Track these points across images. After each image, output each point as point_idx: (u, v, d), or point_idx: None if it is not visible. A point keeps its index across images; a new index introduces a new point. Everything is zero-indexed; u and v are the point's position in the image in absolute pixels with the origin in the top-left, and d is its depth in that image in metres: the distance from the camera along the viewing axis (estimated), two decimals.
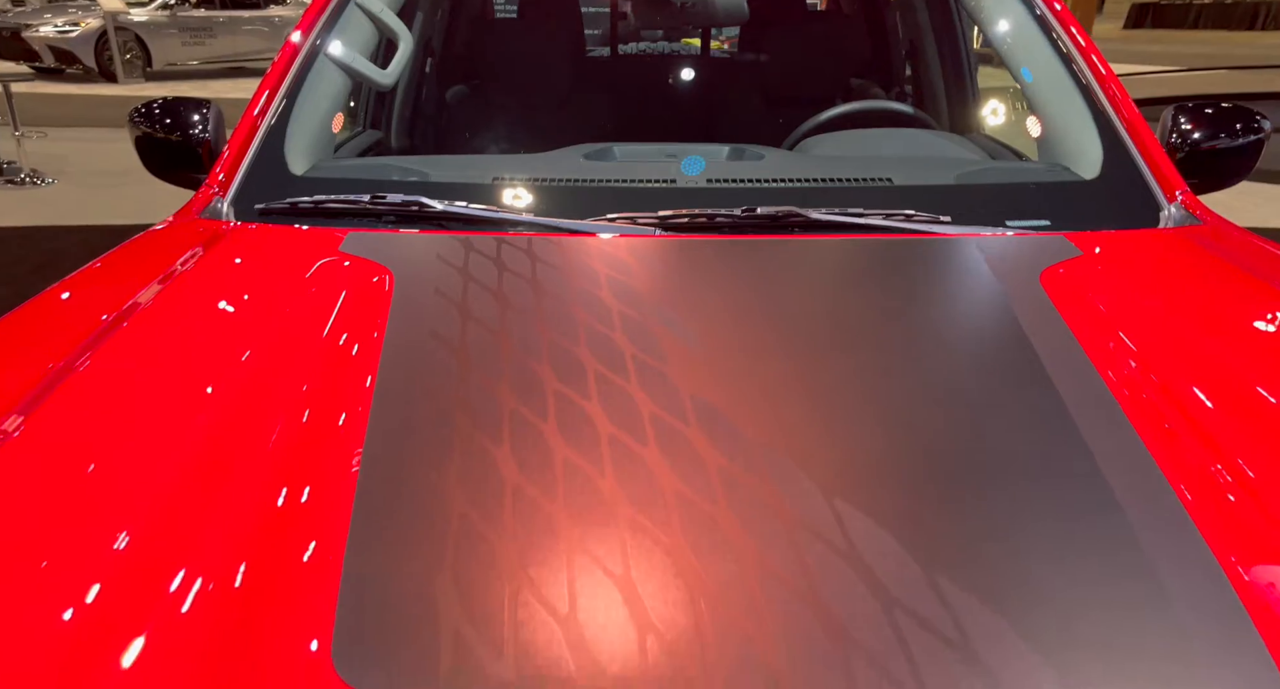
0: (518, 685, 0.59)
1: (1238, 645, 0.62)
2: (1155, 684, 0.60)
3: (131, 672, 0.60)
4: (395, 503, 0.75)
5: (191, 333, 1.08)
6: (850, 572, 0.68)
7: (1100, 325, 1.07)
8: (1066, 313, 1.09)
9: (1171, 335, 1.08)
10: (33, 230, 5.86)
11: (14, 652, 0.61)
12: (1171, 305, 1.19)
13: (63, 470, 0.80)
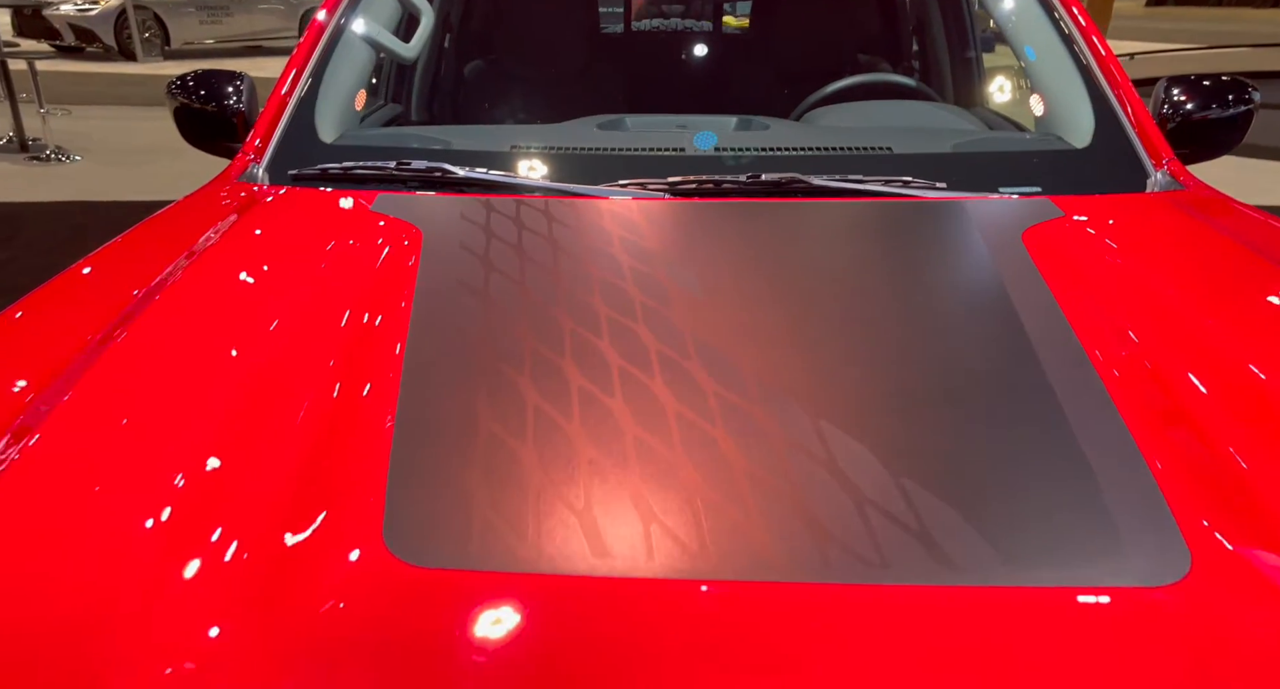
0: (539, 560, 0.70)
1: (1157, 529, 0.72)
2: (1083, 560, 0.70)
3: (214, 555, 0.71)
4: (431, 417, 0.86)
5: (244, 280, 1.19)
6: (827, 475, 0.78)
7: (1073, 276, 1.16)
8: (1043, 266, 1.18)
9: (1139, 285, 1.17)
10: (61, 206, 6.00)
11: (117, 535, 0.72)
12: (1143, 259, 1.28)
13: (145, 392, 0.91)
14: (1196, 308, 1.10)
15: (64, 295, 1.18)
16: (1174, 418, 0.88)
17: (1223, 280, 1.22)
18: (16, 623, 0.65)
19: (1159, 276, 1.22)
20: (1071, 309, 1.07)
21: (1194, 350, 0.98)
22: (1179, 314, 1.07)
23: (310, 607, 0.66)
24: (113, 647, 0.64)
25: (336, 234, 1.33)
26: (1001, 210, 1.42)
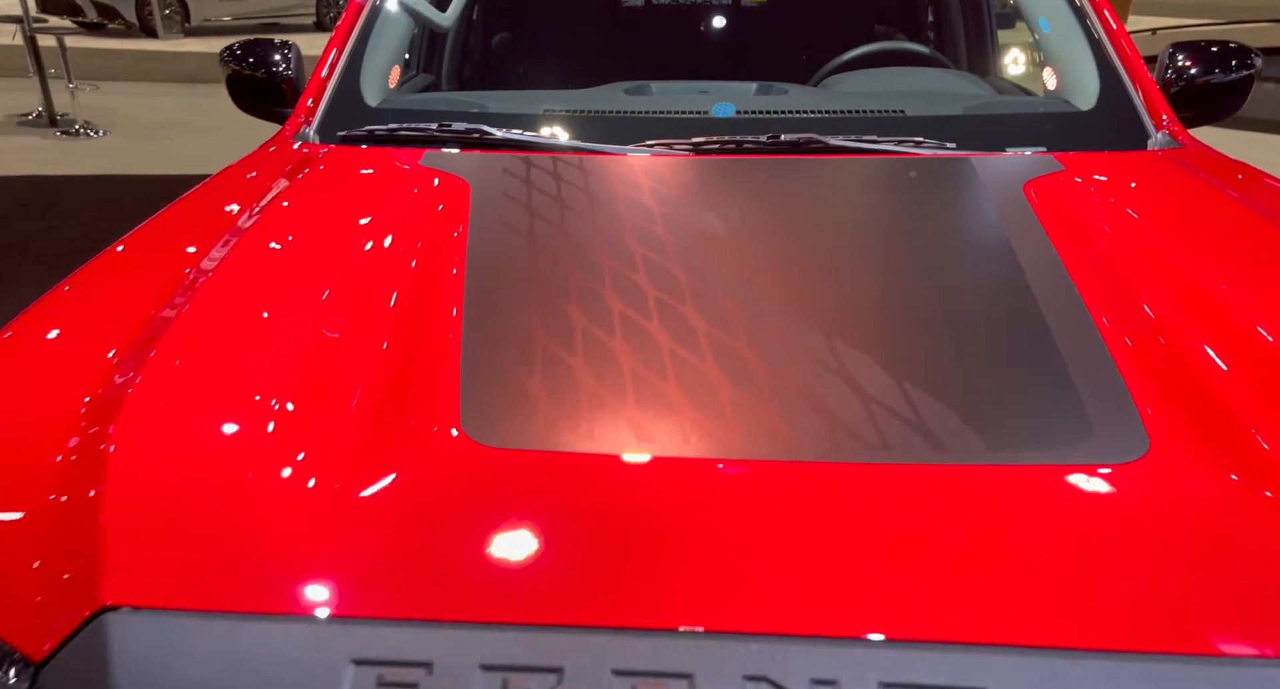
0: (590, 442, 0.83)
1: (1122, 418, 0.84)
2: (1056, 443, 0.83)
3: (317, 442, 0.84)
4: (491, 334, 0.99)
5: (315, 223, 1.32)
6: (836, 377, 0.91)
7: (1066, 218, 1.28)
8: (1040, 211, 1.29)
9: (1126, 224, 1.27)
10: (93, 179, 6.16)
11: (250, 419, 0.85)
12: (1133, 203, 1.39)
13: (248, 314, 1.04)
14: (1177, 244, 1.21)
15: (152, 241, 1.32)
16: (1143, 329, 0.99)
17: (1205, 222, 1.33)
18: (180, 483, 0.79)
19: (1146, 218, 1.33)
20: (1062, 245, 1.18)
21: (1168, 276, 1.10)
22: (1160, 249, 1.18)
23: (409, 475, 0.79)
24: (254, 500, 0.77)
25: (393, 184, 1.46)
26: (1006, 164, 1.53)
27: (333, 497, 0.78)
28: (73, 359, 1.00)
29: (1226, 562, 0.73)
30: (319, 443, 0.83)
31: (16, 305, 4.09)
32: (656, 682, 0.66)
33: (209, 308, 1.05)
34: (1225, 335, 0.97)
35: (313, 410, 0.88)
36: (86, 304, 1.14)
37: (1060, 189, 1.41)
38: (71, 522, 0.77)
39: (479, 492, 0.79)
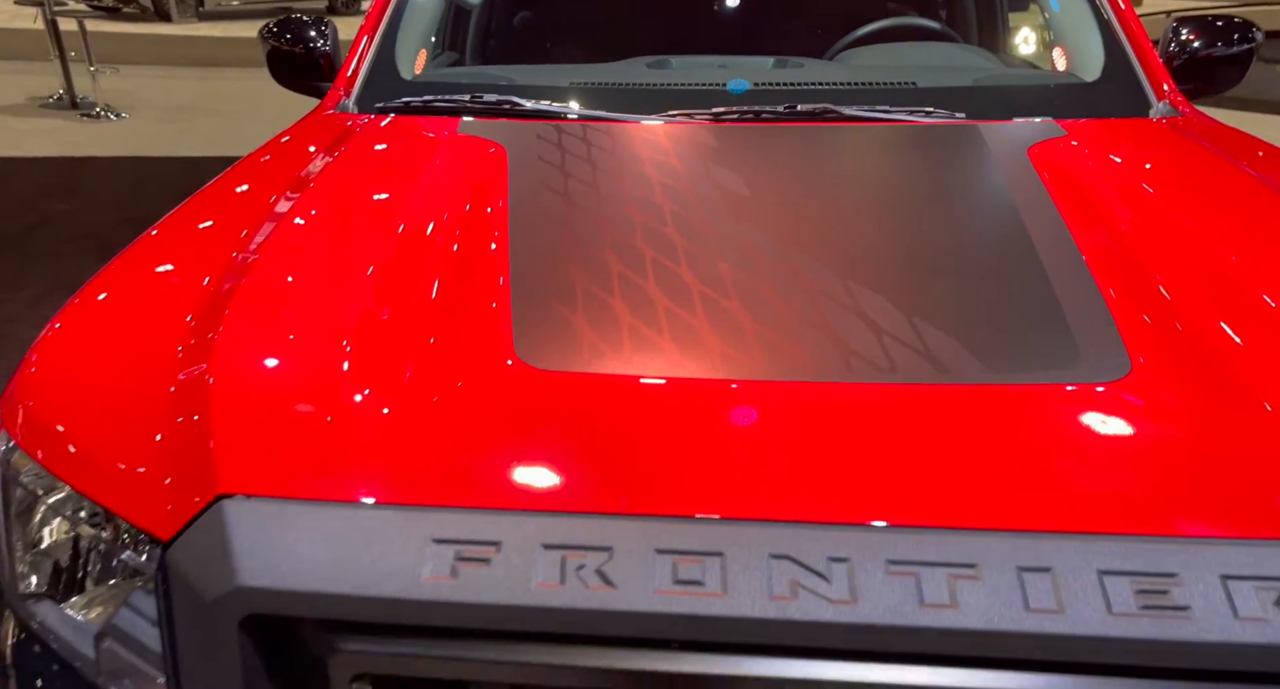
0: (629, 366, 0.94)
1: (1107, 344, 0.95)
2: (1047, 365, 0.93)
3: (391, 365, 0.95)
4: (536, 273, 1.10)
5: (368, 183, 1.43)
6: (849, 311, 1.02)
7: (1065, 174, 1.38)
8: (1041, 169, 1.39)
9: (1121, 180, 1.38)
10: (116, 160, 6.29)
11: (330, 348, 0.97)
12: (1129, 163, 1.49)
13: (316, 263, 1.16)
14: (1166, 194, 1.31)
15: (219, 200, 1.43)
16: (1129, 268, 1.09)
17: (1195, 177, 1.42)
18: (277, 392, 0.92)
19: (1138, 172, 1.43)
20: (1058, 195, 1.28)
21: (1155, 221, 1.20)
22: (1150, 199, 1.29)
23: (474, 392, 0.91)
24: (342, 407, 0.90)
25: (434, 147, 1.57)
26: (1011, 130, 1.63)
27: (409, 408, 0.89)
28: (171, 291, 1.13)
29: (1192, 460, 0.83)
30: (392, 365, 0.95)
31: (50, 280, 4.28)
32: (693, 559, 0.77)
33: (285, 248, 1.17)
34: (1205, 274, 1.08)
35: (384, 341, 0.99)
36: (177, 246, 1.27)
37: (1060, 150, 1.51)
38: (188, 425, 0.88)
39: (535, 405, 0.90)
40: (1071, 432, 0.86)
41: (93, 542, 0.92)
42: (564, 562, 0.77)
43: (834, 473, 0.83)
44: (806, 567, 0.76)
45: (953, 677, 0.75)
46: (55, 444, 0.94)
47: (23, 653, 0.97)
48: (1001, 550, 0.76)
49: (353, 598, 0.76)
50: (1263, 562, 0.74)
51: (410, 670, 0.78)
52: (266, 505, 0.81)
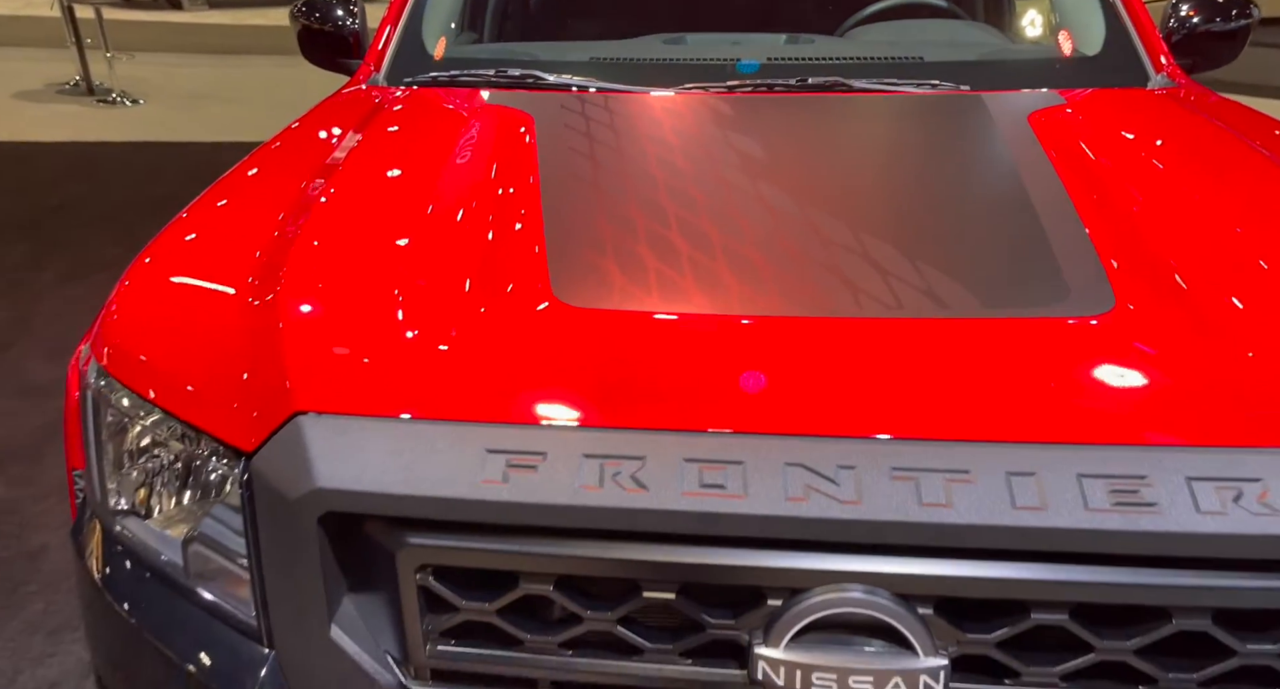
0: (657, 305, 1.04)
1: (1094, 283, 1.05)
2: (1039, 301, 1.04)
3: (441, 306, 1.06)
4: (566, 224, 1.20)
5: (406, 148, 1.54)
6: (858, 256, 1.12)
7: (1061, 136, 1.47)
8: (1039, 132, 1.48)
9: (1115, 142, 1.47)
10: (133, 145, 6.40)
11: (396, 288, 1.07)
12: (1124, 127, 1.58)
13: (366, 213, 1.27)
14: (1156, 153, 1.42)
15: (273, 161, 1.54)
16: (1117, 216, 1.19)
17: (1185, 139, 1.52)
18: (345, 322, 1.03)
19: (1131, 134, 1.52)
20: (1053, 153, 1.38)
21: (1143, 175, 1.30)
22: (1140, 156, 1.39)
23: (517, 325, 1.01)
24: (404, 336, 1.00)
25: (466, 114, 1.67)
26: (1013, 99, 1.72)
27: (460, 338, 1.00)
28: (240, 234, 1.24)
29: (1163, 381, 0.93)
30: (443, 302, 1.05)
31: (72, 260, 4.44)
32: (717, 466, 0.87)
33: (341, 196, 1.29)
34: (1186, 221, 1.17)
35: (435, 280, 1.10)
36: (241, 197, 1.38)
37: (1058, 114, 1.61)
38: (265, 351, 0.99)
39: (572, 337, 1.00)
40: (1057, 358, 0.96)
41: (180, 458, 1.03)
42: (602, 468, 0.87)
43: (843, 394, 0.93)
44: (818, 472, 0.86)
45: (948, 568, 0.85)
46: (144, 372, 1.05)
47: (114, 563, 1.08)
48: (992, 458, 0.86)
49: (417, 498, 0.86)
50: (1222, 465, 0.84)
51: (467, 562, 0.89)
52: (337, 420, 0.91)
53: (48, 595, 2.42)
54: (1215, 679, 0.86)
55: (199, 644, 1.00)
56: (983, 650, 0.87)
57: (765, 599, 0.87)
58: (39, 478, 2.90)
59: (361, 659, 0.92)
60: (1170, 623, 0.84)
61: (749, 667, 0.87)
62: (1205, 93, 1.85)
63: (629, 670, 0.90)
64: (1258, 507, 0.82)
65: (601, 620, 0.89)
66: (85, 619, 1.18)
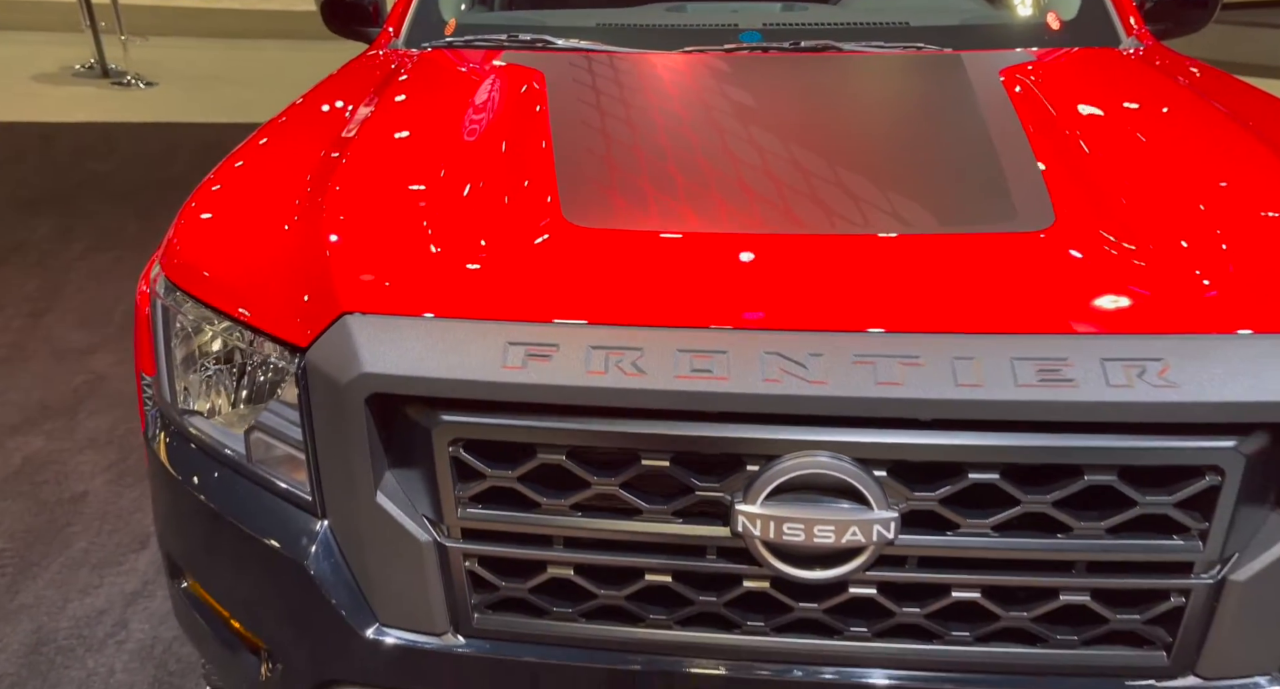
0: (659, 225, 1.20)
1: (1038, 204, 1.20)
2: (989, 219, 1.19)
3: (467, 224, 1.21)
4: (575, 159, 1.36)
5: (429, 101, 1.69)
6: (834, 184, 1.27)
7: (1026, 84, 1.62)
8: (1007, 82, 1.63)
9: (1076, 87, 1.62)
10: (150, 126, 6.58)
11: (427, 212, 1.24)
12: (1086, 81, 1.73)
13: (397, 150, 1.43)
14: (1110, 99, 1.57)
15: (307, 111, 1.70)
16: (1067, 152, 1.34)
17: (1141, 89, 1.67)
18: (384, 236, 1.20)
19: (1091, 84, 1.67)
20: (1016, 98, 1.53)
21: (1095, 116, 1.45)
22: (1095, 100, 1.54)
23: (532, 240, 1.17)
24: (435, 247, 1.16)
25: (482, 71, 1.83)
26: (988, 57, 1.87)
27: (484, 250, 1.15)
28: (289, 163, 1.41)
29: (1087, 283, 1.08)
30: (469, 220, 1.21)
31: (97, 233, 4.67)
32: (705, 355, 1.03)
33: (378, 132, 1.47)
34: (1127, 159, 1.32)
35: (461, 202, 1.25)
36: (288, 136, 1.56)
37: (1028, 70, 1.75)
38: (316, 261, 1.15)
39: (579, 251, 1.16)
40: (1000, 264, 1.11)
41: (241, 359, 1.19)
42: (607, 357, 1.03)
43: (814, 295, 1.08)
44: (791, 358, 1.02)
45: (900, 437, 1.01)
46: (208, 284, 1.22)
47: (184, 456, 1.25)
48: (939, 345, 1.02)
49: (450, 381, 1.03)
50: (1130, 348, 0.99)
51: (493, 436, 1.05)
52: (380, 319, 1.07)
53: (89, 535, 2.61)
54: (1119, 526, 1.02)
55: (262, 518, 1.17)
56: (928, 506, 1.02)
57: (745, 465, 1.03)
58: (76, 432, 3.09)
59: (403, 521, 1.08)
60: (1082, 479, 1.00)
61: (730, 522, 1.03)
62: (1172, 55, 1.99)
63: (630, 528, 1.06)
64: (1158, 381, 0.97)
65: (606, 485, 1.05)
66: (159, 508, 1.35)
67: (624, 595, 1.10)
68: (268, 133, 1.59)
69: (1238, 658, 1.06)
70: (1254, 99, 1.70)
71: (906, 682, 1.10)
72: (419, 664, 1.13)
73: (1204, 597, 1.04)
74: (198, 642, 1.39)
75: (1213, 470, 0.99)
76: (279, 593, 1.18)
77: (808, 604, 1.08)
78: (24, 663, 2.18)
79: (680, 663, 1.11)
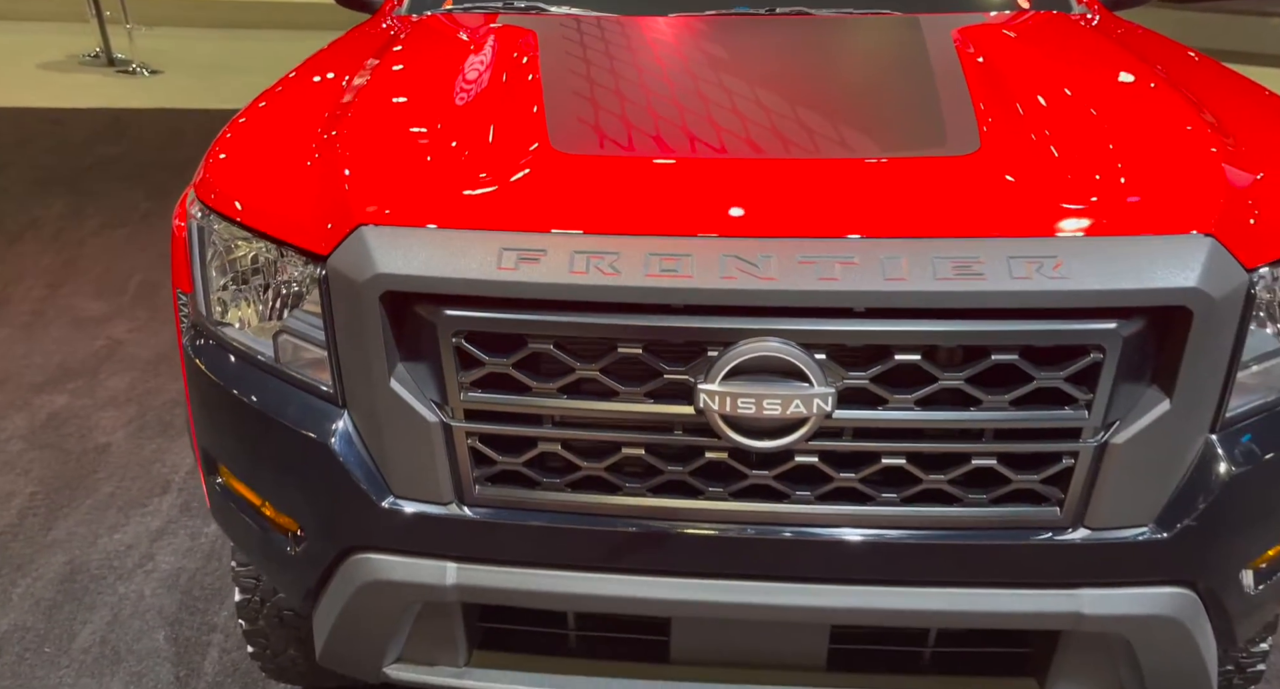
0: (627, 148, 1.39)
1: (967, 132, 1.39)
2: (925, 144, 1.37)
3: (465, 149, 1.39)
4: (560, 97, 1.54)
5: (435, 47, 1.90)
6: (790, 120, 1.46)
7: (975, 41, 1.81)
8: (957, 40, 1.81)
9: (1018, 43, 1.81)
10: (157, 111, 6.75)
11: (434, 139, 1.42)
12: (1030, 36, 1.92)
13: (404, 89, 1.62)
14: (1048, 53, 1.76)
15: (320, 66, 1.89)
16: (1000, 94, 1.52)
17: (1081, 48, 1.86)
18: (394, 154, 1.38)
19: (1033, 41, 1.87)
20: (962, 52, 1.72)
21: (1032, 70, 1.64)
22: (1032, 52, 1.73)
23: (523, 164, 1.35)
24: (438, 167, 1.35)
25: (479, 30, 2.02)
26: (945, 19, 2.05)
27: (481, 170, 1.33)
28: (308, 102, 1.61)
29: (999, 196, 1.27)
30: (467, 146, 1.39)
31: (109, 212, 4.91)
32: (671, 258, 1.21)
33: (386, 77, 1.68)
34: (1053, 100, 1.51)
35: (460, 130, 1.44)
36: (305, 82, 1.76)
37: (977, 28, 1.94)
38: (334, 182, 1.33)
39: (565, 173, 1.34)
40: (928, 182, 1.30)
41: (270, 268, 1.38)
42: (588, 259, 1.21)
43: (766, 207, 1.27)
44: (745, 259, 1.20)
45: (837, 324, 1.19)
46: (239, 205, 1.40)
47: (219, 360, 1.44)
48: (870, 248, 1.20)
49: (453, 280, 1.21)
50: (1031, 248, 1.18)
51: (490, 328, 1.23)
52: (392, 229, 1.25)
53: (114, 481, 2.80)
54: (1020, 399, 1.21)
55: (290, 410, 1.36)
56: (861, 384, 1.21)
57: (706, 350, 1.21)
58: (96, 391, 3.28)
59: (414, 404, 1.27)
60: (989, 358, 1.19)
61: (694, 401, 1.21)
62: (1116, 21, 2.18)
63: (608, 408, 1.25)
64: (1052, 273, 1.16)
65: (588, 370, 1.24)
66: (197, 411, 1.53)
67: (603, 468, 1.29)
68: (288, 81, 1.78)
69: (1119, 512, 1.25)
70: (1184, 57, 1.88)
71: (845, 538, 1.28)
72: (427, 530, 1.32)
73: (1090, 459, 1.23)
74: (232, 531, 1.58)
75: (1096, 349, 1.18)
76: (306, 474, 1.36)
77: (760, 472, 1.27)
78: (60, 589, 2.37)
79: (651, 526, 1.30)
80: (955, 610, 1.30)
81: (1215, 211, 1.23)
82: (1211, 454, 1.27)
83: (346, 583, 1.36)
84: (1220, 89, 1.69)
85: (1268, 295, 1.27)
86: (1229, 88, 1.72)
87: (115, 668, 2.14)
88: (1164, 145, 1.39)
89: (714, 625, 1.40)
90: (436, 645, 1.42)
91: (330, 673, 1.93)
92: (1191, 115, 1.48)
